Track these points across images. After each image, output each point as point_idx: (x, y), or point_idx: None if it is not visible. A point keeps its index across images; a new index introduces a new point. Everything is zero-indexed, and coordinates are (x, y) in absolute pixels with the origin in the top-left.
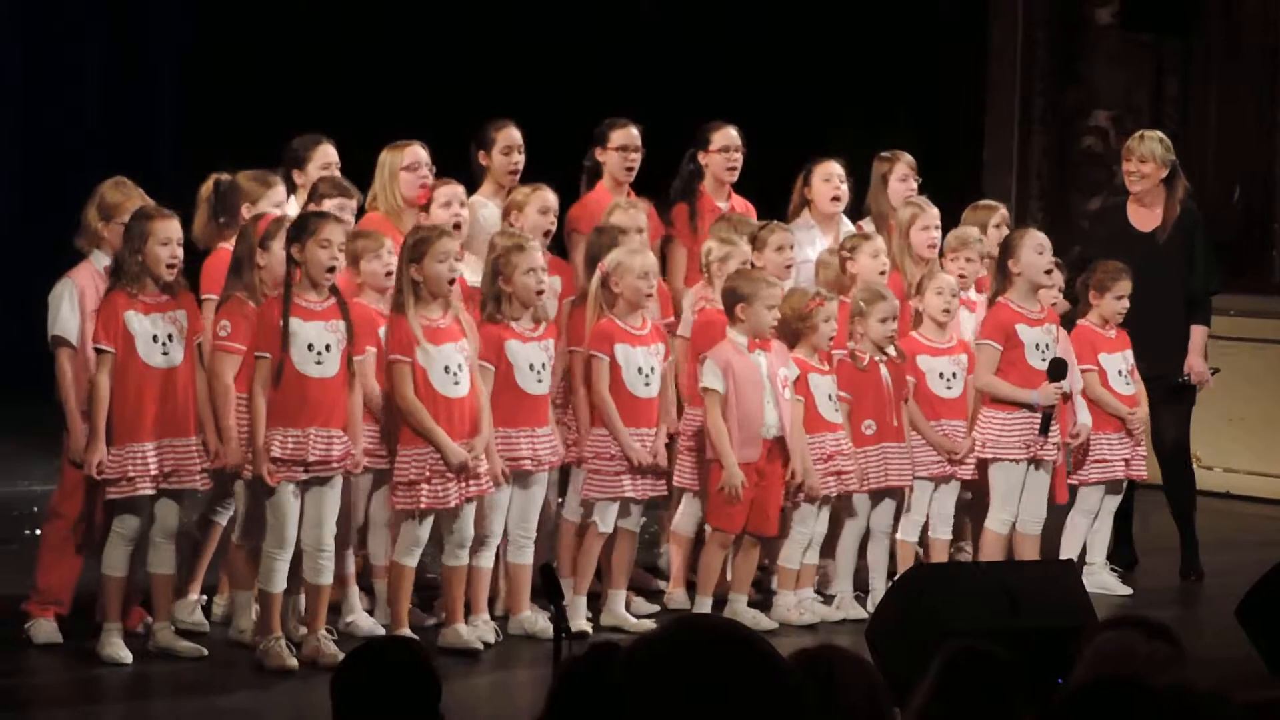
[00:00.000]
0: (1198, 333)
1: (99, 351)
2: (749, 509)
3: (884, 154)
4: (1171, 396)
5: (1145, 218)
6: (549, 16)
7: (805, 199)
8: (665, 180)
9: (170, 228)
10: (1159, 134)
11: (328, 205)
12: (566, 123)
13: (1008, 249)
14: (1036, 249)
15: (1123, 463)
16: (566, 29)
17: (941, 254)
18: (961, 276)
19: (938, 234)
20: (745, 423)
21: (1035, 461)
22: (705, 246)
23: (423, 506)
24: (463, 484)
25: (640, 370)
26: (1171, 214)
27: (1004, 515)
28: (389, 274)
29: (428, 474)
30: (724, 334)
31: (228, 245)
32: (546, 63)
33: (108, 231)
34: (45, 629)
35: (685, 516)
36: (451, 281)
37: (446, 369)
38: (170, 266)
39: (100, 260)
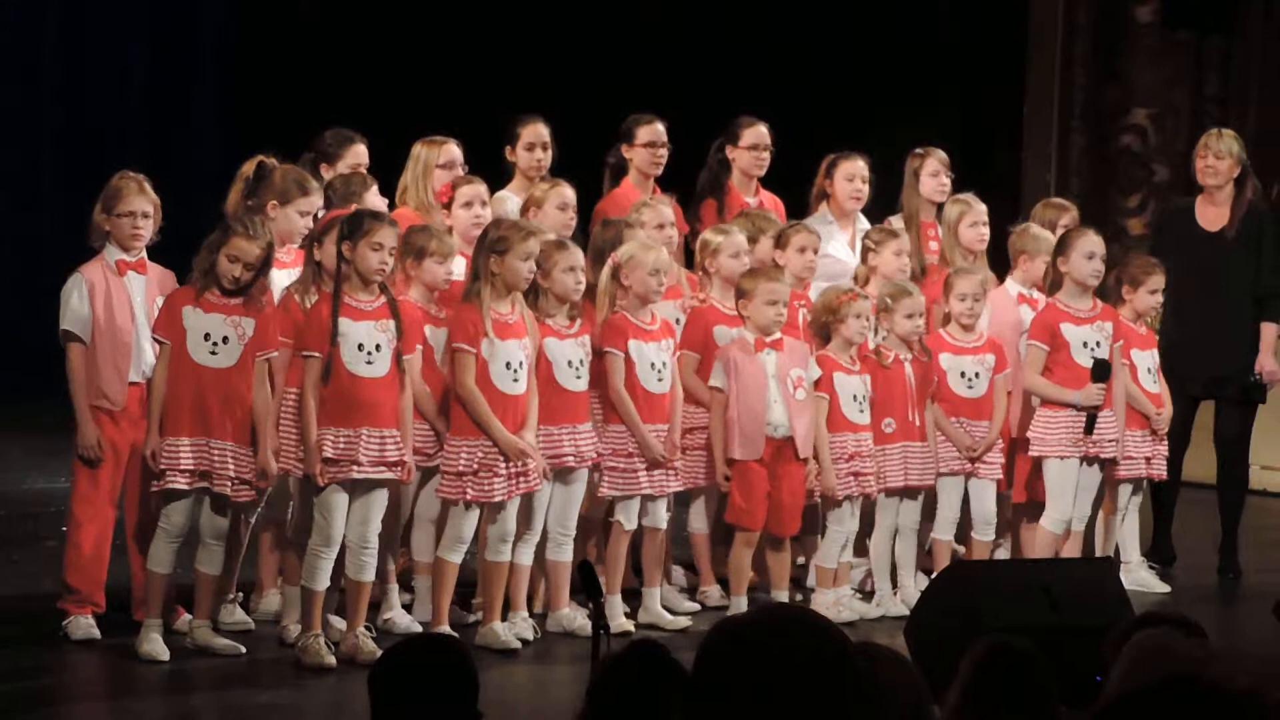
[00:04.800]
0: (1269, 330)
1: (158, 343)
2: (766, 507)
3: (917, 150)
4: (1241, 395)
5: (1213, 217)
6: (585, 13)
7: (825, 192)
8: (690, 175)
9: (242, 248)
10: (1233, 133)
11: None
12: (597, 119)
13: (1061, 247)
14: (1086, 254)
15: (1144, 460)
16: (601, 25)
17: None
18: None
19: (986, 230)
20: (747, 420)
21: (1087, 459)
22: (700, 239)
23: (468, 498)
24: (512, 480)
25: (653, 365)
26: (1239, 212)
27: (1056, 514)
28: (447, 281)
29: (476, 466)
30: (712, 328)
31: None
32: (579, 58)
33: (109, 225)
34: (82, 625)
35: (696, 514)
36: (528, 281)
37: (508, 365)
38: (235, 279)
39: (111, 254)
